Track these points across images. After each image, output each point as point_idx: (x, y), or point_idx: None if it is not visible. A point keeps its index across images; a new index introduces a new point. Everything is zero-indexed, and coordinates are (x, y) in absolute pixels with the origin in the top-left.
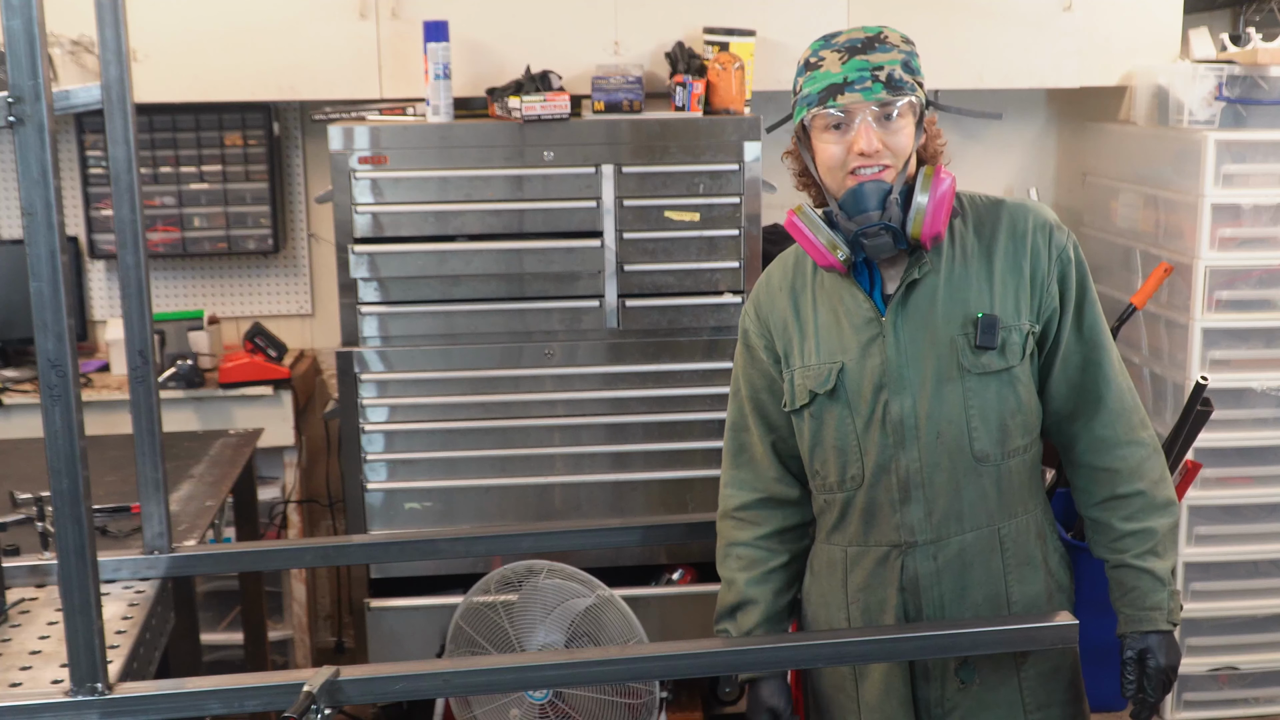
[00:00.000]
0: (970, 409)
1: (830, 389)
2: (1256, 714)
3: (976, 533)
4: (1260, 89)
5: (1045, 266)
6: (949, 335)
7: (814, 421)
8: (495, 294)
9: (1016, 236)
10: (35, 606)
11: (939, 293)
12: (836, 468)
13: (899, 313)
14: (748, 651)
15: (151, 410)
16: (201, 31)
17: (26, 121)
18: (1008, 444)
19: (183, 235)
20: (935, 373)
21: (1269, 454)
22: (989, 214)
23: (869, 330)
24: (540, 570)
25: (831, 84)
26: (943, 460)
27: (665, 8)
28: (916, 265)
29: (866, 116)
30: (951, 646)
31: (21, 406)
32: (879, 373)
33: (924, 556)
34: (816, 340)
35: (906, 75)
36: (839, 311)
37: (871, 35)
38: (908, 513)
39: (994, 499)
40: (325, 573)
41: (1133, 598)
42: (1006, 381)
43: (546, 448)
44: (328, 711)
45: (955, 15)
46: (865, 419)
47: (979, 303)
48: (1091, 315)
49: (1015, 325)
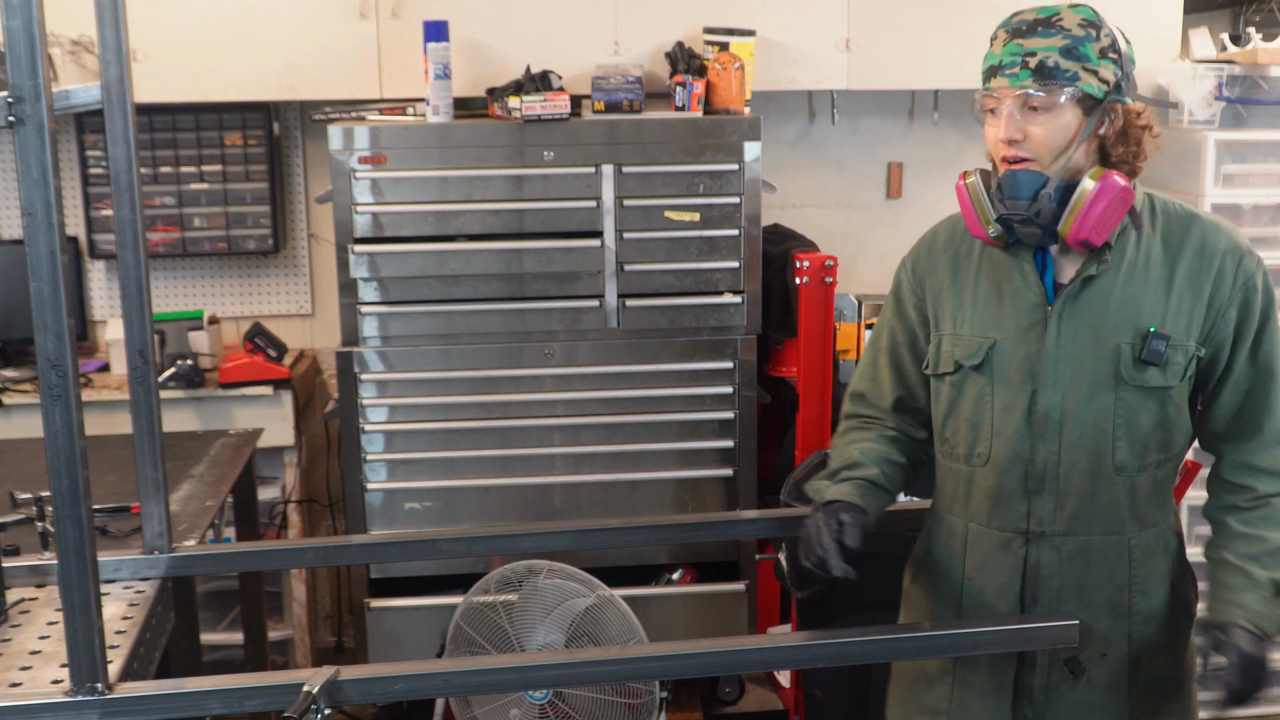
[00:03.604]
0: (1119, 419)
1: (978, 364)
2: (1257, 714)
3: (1105, 537)
4: (1260, 89)
5: (1227, 293)
6: (1115, 341)
7: (953, 391)
8: (495, 294)
9: (1205, 255)
10: (35, 606)
11: (1114, 295)
12: (967, 440)
13: (1068, 305)
14: (748, 651)
15: (151, 410)
16: (201, 31)
17: (26, 121)
18: (1146, 458)
19: (183, 235)
20: (1092, 375)
21: None
22: (1180, 225)
23: (1032, 315)
24: (540, 570)
25: (990, 65)
26: (1081, 461)
27: (665, 8)
28: (1095, 262)
29: (1009, 104)
30: (952, 647)
31: (21, 406)
32: (1033, 360)
33: (1048, 548)
34: (973, 310)
35: (1069, 62)
36: (1003, 288)
37: (1043, 16)
38: (1039, 503)
39: (1126, 507)
40: (325, 573)
41: (1218, 592)
42: (1161, 399)
43: (546, 448)
44: (328, 711)
45: (955, 15)
46: (1007, 403)
47: (1152, 315)
48: (1269, 345)
49: (1183, 345)
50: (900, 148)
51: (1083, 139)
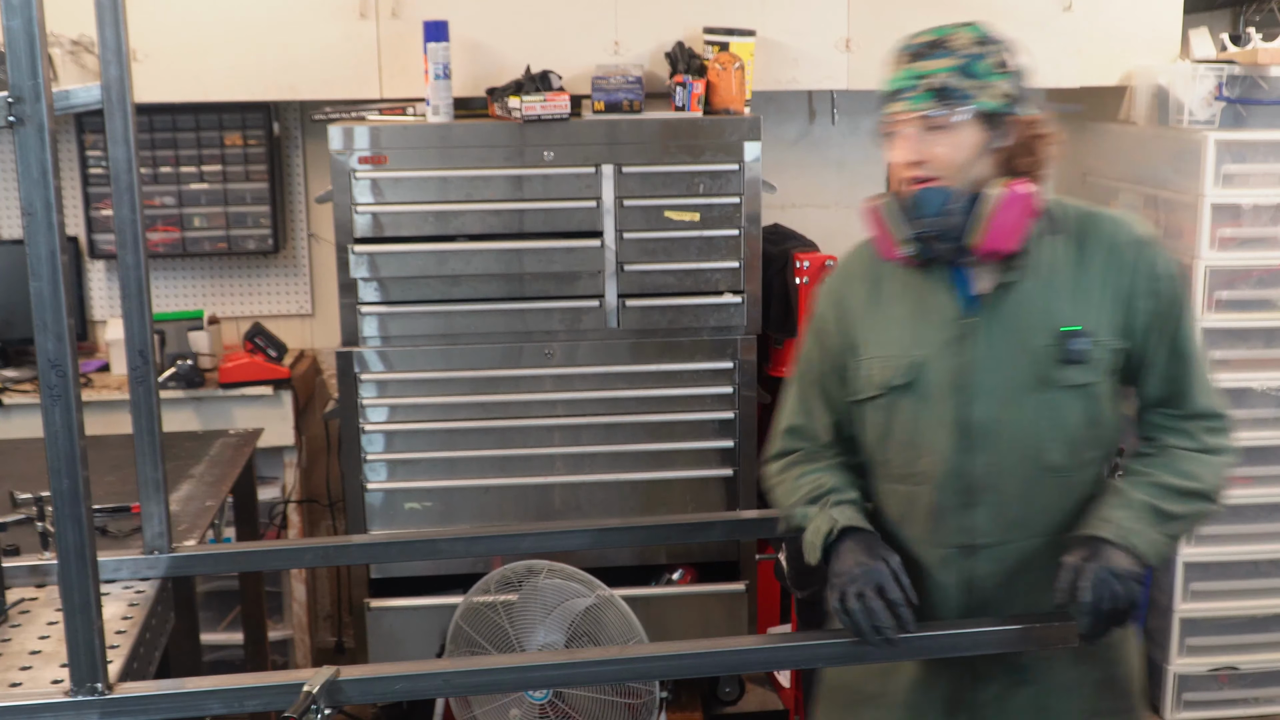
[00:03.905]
0: (1048, 421)
1: (905, 384)
2: (1256, 714)
3: (1044, 539)
4: (1260, 89)
5: (1139, 285)
6: (1037, 345)
7: (884, 414)
8: (495, 294)
9: (1113, 251)
10: (35, 606)
11: (1030, 300)
12: (906, 460)
13: (989, 316)
14: (748, 651)
15: (151, 410)
16: (201, 31)
17: (26, 121)
18: (1080, 456)
19: (183, 235)
20: (1018, 381)
21: (1269, 454)
22: (1087, 225)
23: (953, 329)
24: (540, 570)
25: (889, 91)
26: (1016, 468)
27: (665, 8)
28: (1008, 269)
29: (909, 127)
30: (952, 647)
31: (21, 406)
32: (959, 373)
33: (986, 559)
34: (894, 332)
35: (964, 82)
36: (922, 306)
37: (936, 39)
38: (973, 516)
39: (1063, 509)
40: (325, 573)
41: (1092, 510)
42: (1087, 396)
43: (546, 448)
44: (328, 711)
45: (955, 15)
46: (938, 419)
47: (1069, 315)
48: (1185, 330)
49: (1102, 341)
50: None
51: (984, 153)
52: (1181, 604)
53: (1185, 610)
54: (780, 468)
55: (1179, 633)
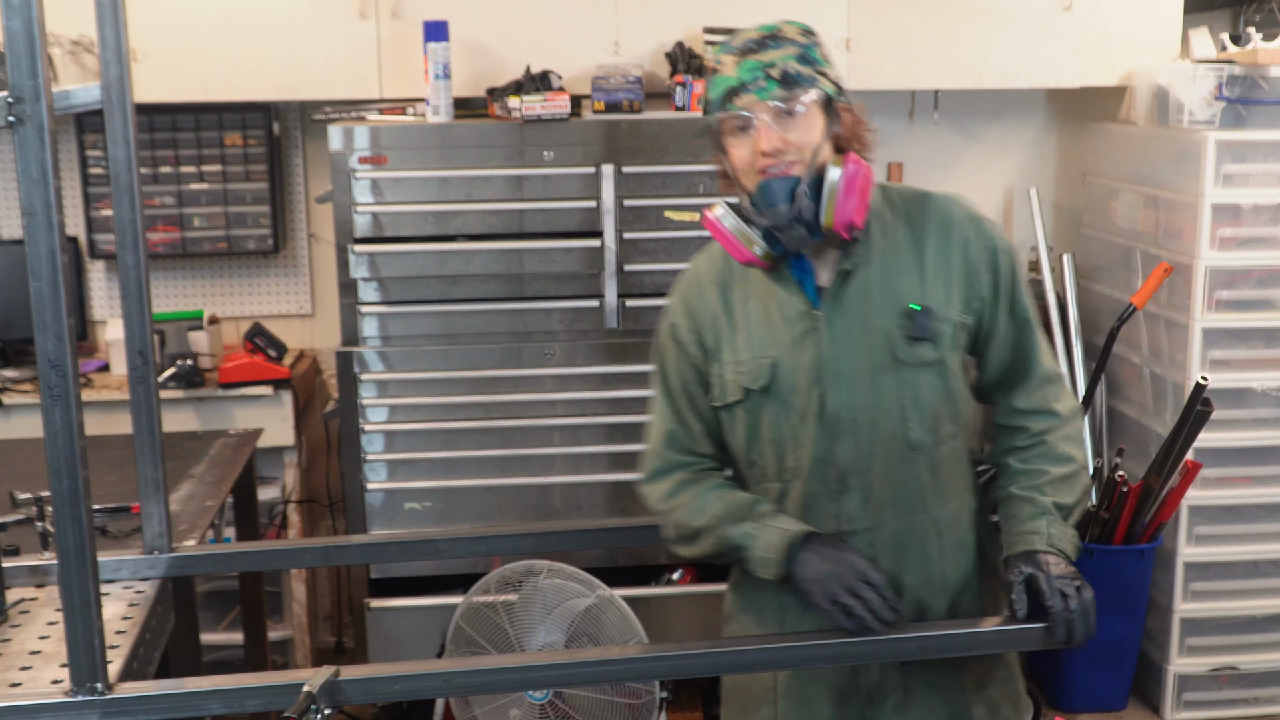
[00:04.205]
0: (905, 400)
1: (764, 385)
2: (1256, 714)
3: (912, 519)
4: (1260, 89)
5: (975, 259)
6: (884, 327)
7: (749, 416)
8: (495, 294)
9: (946, 228)
10: (35, 606)
11: (872, 285)
12: (774, 459)
13: (833, 306)
14: (748, 652)
15: (151, 410)
16: (201, 31)
17: (26, 121)
18: (940, 432)
19: (183, 235)
20: (871, 365)
21: (1269, 454)
22: (917, 206)
23: (802, 324)
24: (540, 570)
25: (729, 88)
26: (879, 450)
27: (665, 8)
28: (848, 257)
29: (764, 116)
30: (952, 646)
31: (21, 406)
32: (814, 366)
33: (861, 544)
34: (748, 335)
35: (804, 68)
36: (770, 306)
37: (766, 34)
38: (845, 502)
39: (929, 485)
40: (325, 573)
41: (1010, 525)
42: (939, 372)
43: (546, 448)
44: (328, 711)
45: (955, 15)
46: (801, 413)
47: (912, 294)
48: (1022, 298)
49: (946, 317)
50: (900, 148)
51: (825, 139)
52: (1181, 604)
53: (1185, 610)
54: (670, 490)
55: (1179, 633)
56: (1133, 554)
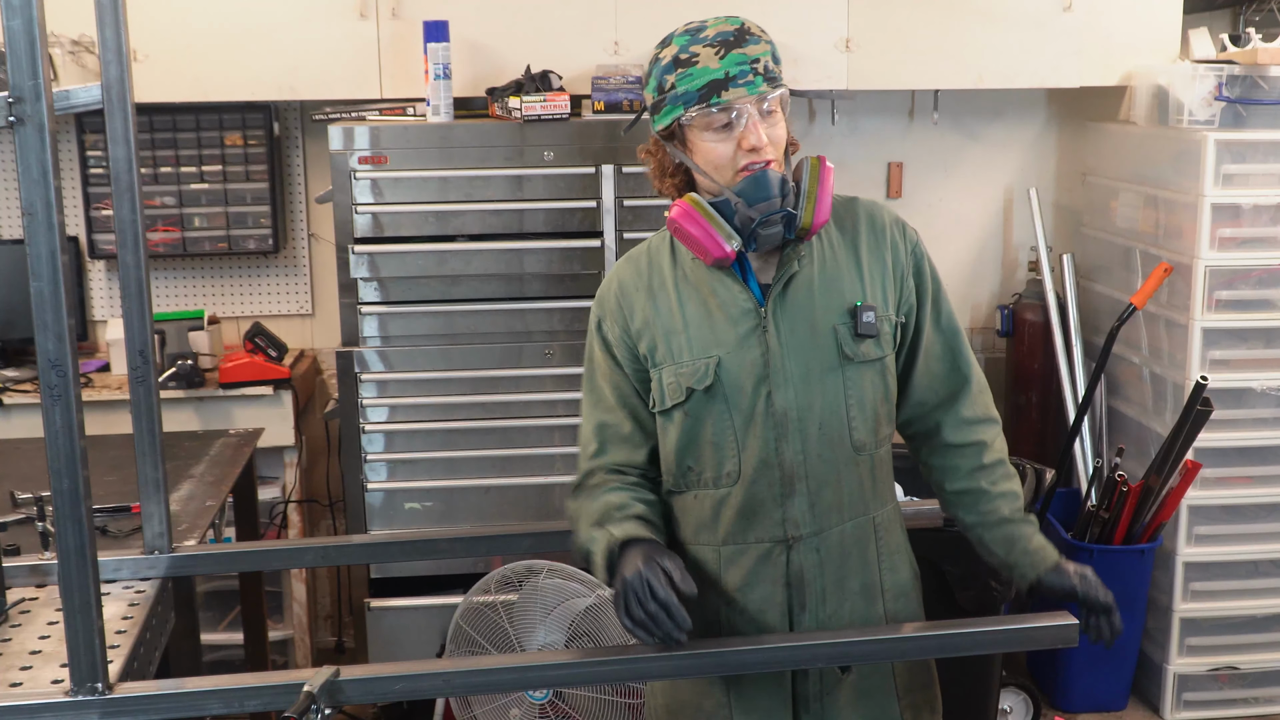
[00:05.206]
0: (849, 398)
1: (708, 385)
2: (1256, 714)
3: (854, 522)
4: (1260, 89)
5: (903, 261)
6: (830, 325)
7: (689, 419)
8: (495, 294)
9: (876, 231)
10: (35, 606)
11: (815, 284)
12: (713, 464)
13: (779, 303)
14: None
15: (151, 410)
16: (201, 31)
17: (26, 121)
18: (879, 433)
19: (183, 235)
20: (818, 363)
21: (1269, 454)
22: (846, 209)
23: (747, 321)
24: (540, 570)
25: (713, 80)
26: (825, 451)
27: (665, 8)
28: (795, 257)
29: (752, 112)
30: (952, 646)
31: (21, 406)
32: (760, 365)
33: (808, 549)
34: (687, 336)
35: (777, 66)
36: (711, 305)
37: (738, 26)
38: (791, 506)
39: (869, 488)
40: (325, 573)
41: (1023, 545)
42: (880, 370)
43: (546, 448)
44: (328, 711)
45: (955, 15)
46: (746, 414)
47: (854, 292)
48: (946, 305)
49: (886, 315)
50: (900, 148)
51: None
52: (1181, 604)
53: (1185, 610)
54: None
55: (1179, 633)
56: (1133, 554)
